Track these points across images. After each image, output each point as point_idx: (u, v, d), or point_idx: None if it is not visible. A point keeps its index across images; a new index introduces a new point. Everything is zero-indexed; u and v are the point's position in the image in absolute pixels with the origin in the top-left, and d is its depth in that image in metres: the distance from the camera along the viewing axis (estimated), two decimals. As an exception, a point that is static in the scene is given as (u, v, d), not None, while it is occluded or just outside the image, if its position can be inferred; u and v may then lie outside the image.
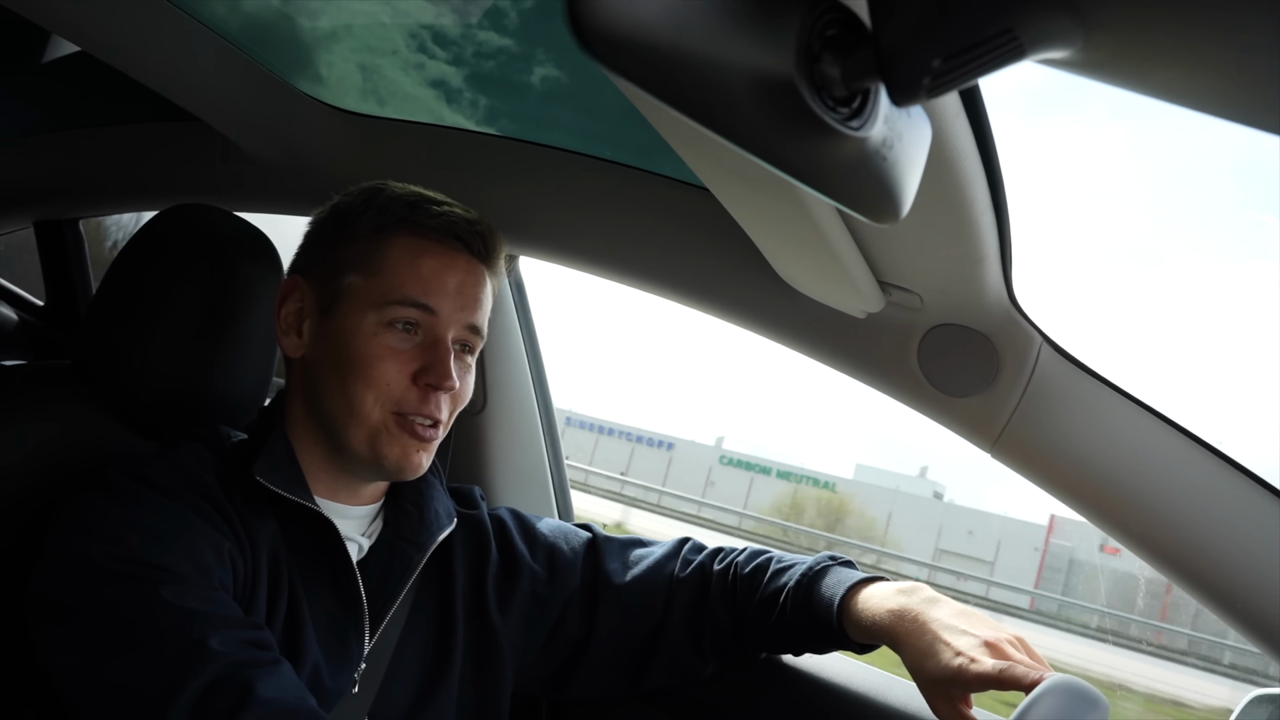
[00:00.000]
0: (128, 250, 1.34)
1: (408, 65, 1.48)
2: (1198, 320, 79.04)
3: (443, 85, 1.51)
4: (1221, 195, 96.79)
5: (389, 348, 1.12)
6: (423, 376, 1.12)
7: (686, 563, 1.35)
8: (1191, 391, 62.14)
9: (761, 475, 36.42)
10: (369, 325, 1.12)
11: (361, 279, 1.14)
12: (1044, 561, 30.37)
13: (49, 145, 2.11)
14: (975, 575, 27.50)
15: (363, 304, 1.13)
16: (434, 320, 1.13)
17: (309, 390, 1.17)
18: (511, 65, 1.42)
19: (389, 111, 1.59)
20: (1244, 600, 1.10)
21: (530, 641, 1.32)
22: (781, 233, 1.05)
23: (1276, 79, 0.40)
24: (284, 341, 1.19)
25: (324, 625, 1.12)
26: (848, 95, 0.44)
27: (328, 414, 1.14)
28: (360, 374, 1.11)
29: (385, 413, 1.12)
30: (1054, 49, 0.42)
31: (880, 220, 0.50)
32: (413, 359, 1.13)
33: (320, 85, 1.57)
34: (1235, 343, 76.24)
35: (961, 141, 0.79)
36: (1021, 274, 1.14)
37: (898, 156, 0.48)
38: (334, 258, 1.17)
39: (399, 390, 1.12)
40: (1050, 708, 0.85)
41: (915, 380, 1.25)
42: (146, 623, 0.93)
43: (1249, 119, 0.43)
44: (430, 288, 1.13)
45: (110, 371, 1.28)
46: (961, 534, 32.45)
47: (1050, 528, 30.92)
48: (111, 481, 1.04)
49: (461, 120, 1.57)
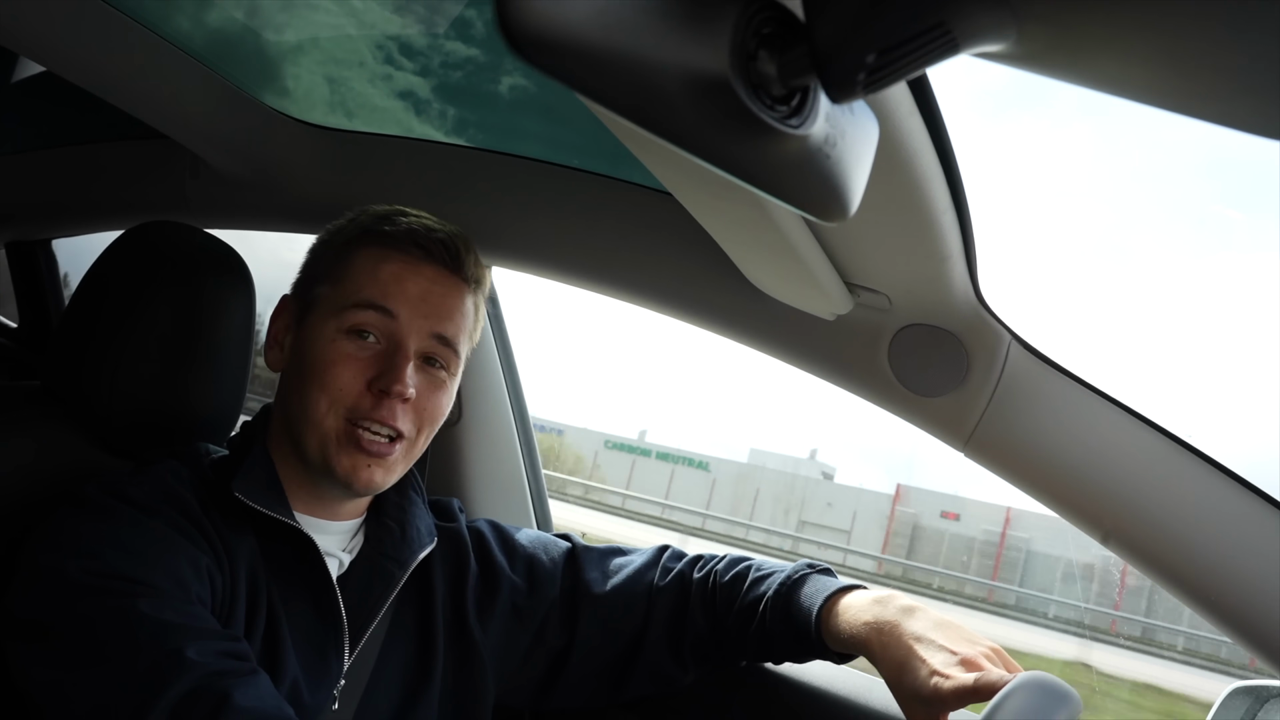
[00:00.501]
0: (95, 269, 1.33)
1: (375, 77, 1.48)
2: (1166, 313, 79.50)
3: (411, 96, 1.51)
4: (1188, 191, 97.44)
5: (345, 354, 1.12)
6: (377, 382, 1.12)
7: (666, 571, 1.35)
8: (1162, 384, 62.52)
9: (642, 457, 37.23)
10: (329, 331, 1.13)
11: (328, 288, 1.16)
12: (890, 528, 31.34)
13: (18, 166, 2.10)
14: (834, 544, 28.61)
15: (326, 311, 1.14)
16: (393, 325, 1.13)
17: (283, 402, 1.18)
18: (479, 75, 1.42)
19: (358, 124, 1.59)
20: (1217, 593, 1.10)
21: (511, 652, 1.31)
22: (747, 237, 1.05)
23: (1205, 67, 0.40)
24: (268, 355, 1.21)
25: (303, 641, 1.12)
26: (786, 93, 0.44)
27: (291, 421, 1.15)
28: (316, 379, 1.12)
29: (339, 419, 1.12)
30: (988, 42, 0.42)
31: (828, 219, 0.50)
32: (370, 366, 1.13)
33: (289, 100, 1.57)
34: (1203, 334, 76.62)
35: (916, 140, 0.80)
36: (990, 273, 1.15)
37: (841, 154, 0.48)
38: (311, 273, 1.20)
39: (352, 396, 1.12)
40: (1021, 703, 0.85)
41: (886, 381, 1.26)
42: (123, 635, 0.93)
43: (1183, 108, 0.44)
44: (389, 291, 1.14)
45: (79, 392, 1.27)
46: (822, 506, 33.46)
47: (896, 496, 31.94)
48: (88, 498, 1.04)
49: (430, 131, 1.57)
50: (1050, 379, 1.19)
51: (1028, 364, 1.20)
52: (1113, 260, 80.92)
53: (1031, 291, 79.31)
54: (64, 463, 1.26)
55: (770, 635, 1.23)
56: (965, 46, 0.42)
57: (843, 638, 1.15)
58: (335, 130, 1.59)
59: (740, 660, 1.34)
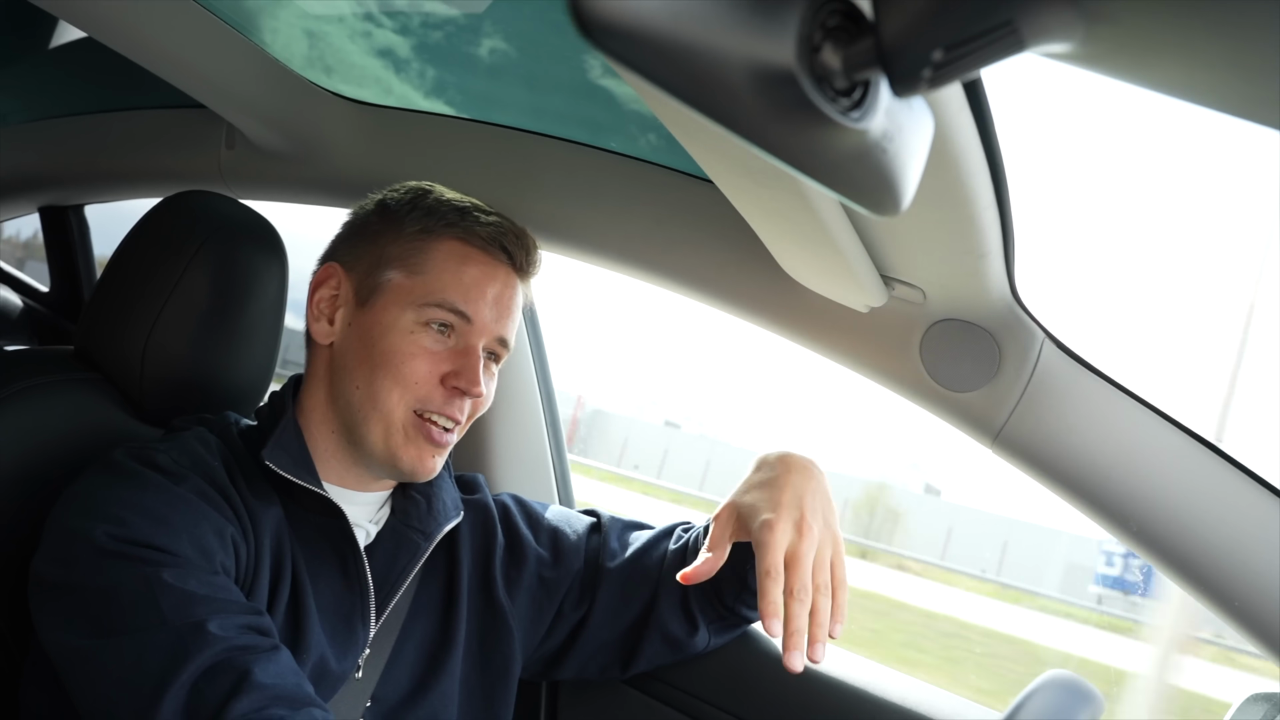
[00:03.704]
0: (131, 237, 1.34)
1: (354, 33, 1.46)
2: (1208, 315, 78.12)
3: (390, 55, 1.49)
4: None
5: (423, 347, 1.13)
6: (451, 379, 1.13)
7: (678, 539, 1.37)
8: (1201, 387, 61.69)
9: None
10: (406, 322, 1.13)
11: (403, 276, 1.15)
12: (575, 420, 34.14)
13: (54, 131, 2.11)
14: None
15: (402, 301, 1.14)
16: (469, 327, 1.15)
17: (333, 378, 1.18)
18: (459, 37, 1.41)
19: (336, 80, 1.57)
20: (1242, 599, 1.10)
21: (538, 623, 1.34)
22: (785, 226, 1.05)
23: (1274, 73, 0.40)
24: (314, 327, 1.20)
25: (329, 610, 1.13)
26: (848, 87, 0.44)
27: (350, 404, 1.15)
28: (390, 368, 1.12)
29: (407, 410, 1.13)
30: (1054, 42, 0.42)
31: (881, 213, 0.50)
32: (444, 361, 1.14)
33: (324, 74, 1.57)
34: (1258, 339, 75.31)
35: (965, 136, 0.79)
36: (1024, 269, 1.14)
37: (898, 149, 0.48)
38: (377, 253, 1.18)
39: (425, 389, 1.13)
40: (1044, 702, 0.86)
41: (918, 375, 1.25)
42: (146, 605, 0.94)
43: (1248, 113, 0.43)
44: (471, 295, 1.15)
45: (113, 358, 1.29)
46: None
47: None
48: (116, 463, 1.05)
49: (409, 91, 1.55)
50: (1082, 379, 1.19)
51: (1060, 363, 1.20)
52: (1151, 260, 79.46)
53: (1068, 289, 77.92)
54: (94, 427, 1.27)
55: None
56: (1031, 45, 0.42)
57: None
58: (373, 105, 1.60)
59: (738, 596, 1.33)
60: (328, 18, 1.43)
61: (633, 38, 0.37)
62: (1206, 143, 75.36)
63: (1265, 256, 26.52)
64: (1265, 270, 7.44)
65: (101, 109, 2.02)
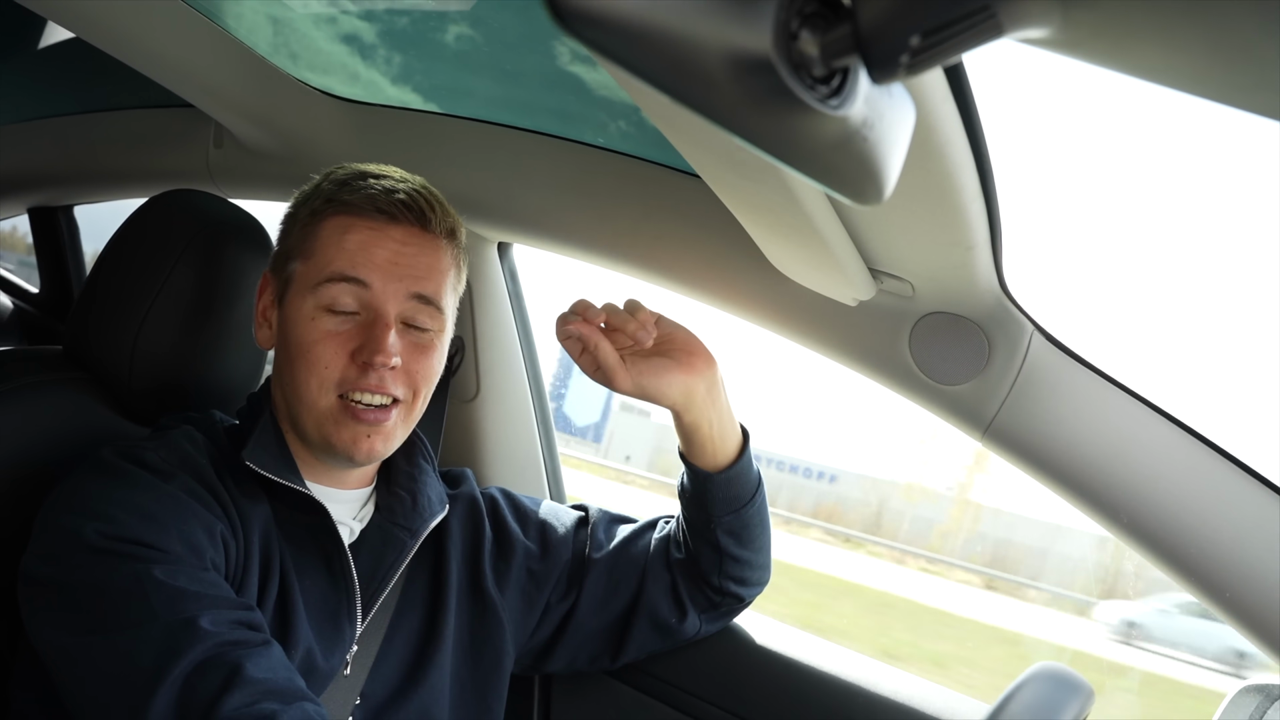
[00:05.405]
0: (118, 236, 1.33)
1: (319, 19, 1.44)
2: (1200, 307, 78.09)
3: (355, 41, 1.48)
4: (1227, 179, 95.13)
5: (326, 330, 1.12)
6: (359, 354, 1.11)
7: (661, 528, 1.38)
8: (1198, 381, 61.41)
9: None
10: (308, 309, 1.12)
11: (301, 264, 1.15)
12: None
13: (43, 132, 2.10)
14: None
15: (303, 289, 1.14)
16: (369, 294, 1.12)
17: (279, 380, 1.18)
18: (425, 23, 1.40)
19: (302, 67, 1.56)
20: (1234, 590, 1.10)
21: (528, 616, 1.34)
22: (772, 221, 1.05)
23: (1253, 58, 0.40)
24: (257, 335, 1.21)
25: (316, 607, 1.13)
26: (827, 74, 0.43)
27: (288, 402, 1.16)
28: (303, 359, 1.12)
29: (330, 397, 1.12)
30: (1032, 27, 0.42)
31: (863, 202, 0.49)
32: (351, 338, 1.12)
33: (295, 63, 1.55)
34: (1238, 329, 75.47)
35: (949, 128, 0.79)
36: (1013, 262, 1.14)
37: (879, 137, 0.48)
38: (285, 249, 1.18)
39: (338, 371, 1.11)
40: (1033, 694, 0.86)
41: (907, 368, 1.26)
42: (137, 601, 0.93)
43: (1227, 98, 0.43)
44: (357, 260, 1.12)
45: (101, 357, 1.28)
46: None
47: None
48: (105, 461, 1.05)
49: (376, 77, 1.54)
50: (1072, 371, 1.19)
51: (1049, 355, 1.20)
52: (1142, 250, 79.48)
53: (1057, 278, 77.94)
54: (83, 427, 1.27)
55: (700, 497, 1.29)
56: (1009, 30, 0.41)
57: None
58: (360, 103, 1.59)
59: (722, 572, 1.33)
60: (290, 3, 1.41)
61: (608, 26, 0.37)
62: (1195, 129, 75.18)
63: (1258, 248, 26.57)
64: (1259, 263, 7.47)
65: (90, 109, 2.01)
